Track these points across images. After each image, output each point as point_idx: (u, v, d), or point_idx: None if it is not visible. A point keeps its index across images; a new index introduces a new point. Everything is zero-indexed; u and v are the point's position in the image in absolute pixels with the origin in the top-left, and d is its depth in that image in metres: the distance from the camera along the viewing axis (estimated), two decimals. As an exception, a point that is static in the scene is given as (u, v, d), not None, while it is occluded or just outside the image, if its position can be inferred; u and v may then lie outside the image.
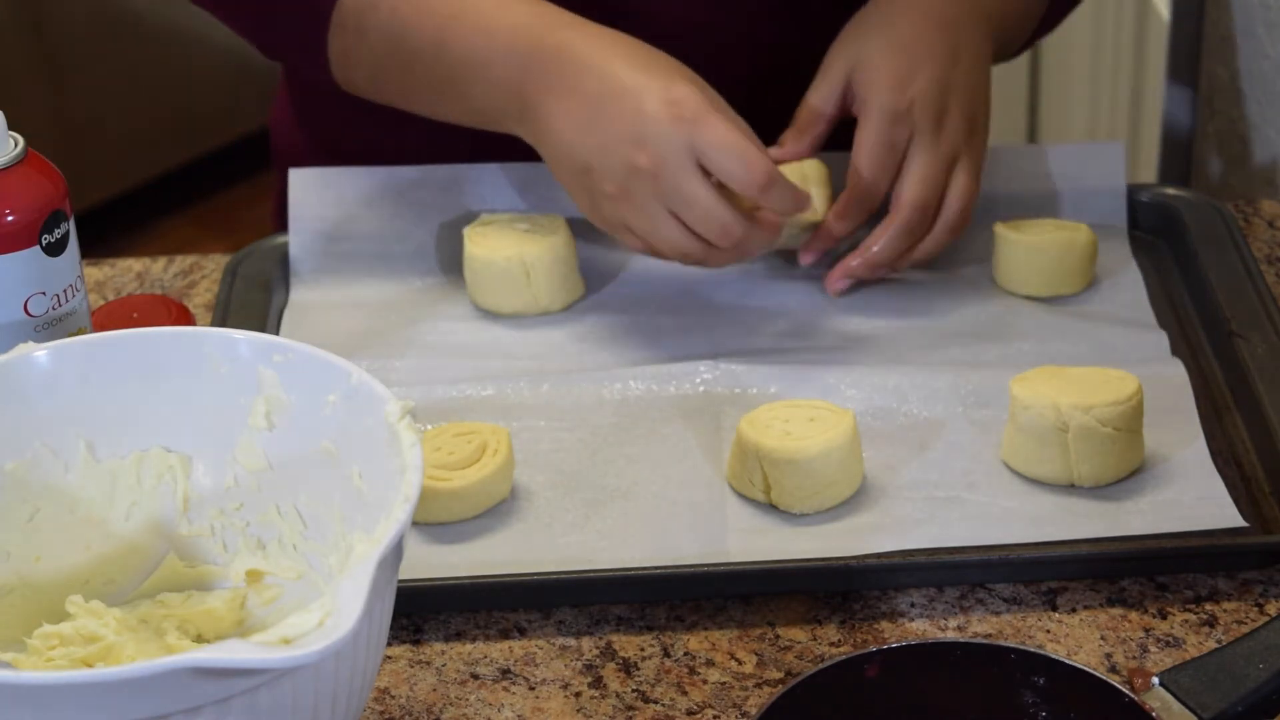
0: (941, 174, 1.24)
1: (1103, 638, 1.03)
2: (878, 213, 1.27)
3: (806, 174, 1.27)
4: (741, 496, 1.12)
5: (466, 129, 1.28)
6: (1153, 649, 1.02)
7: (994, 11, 1.28)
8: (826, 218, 1.26)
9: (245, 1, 1.30)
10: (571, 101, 1.19)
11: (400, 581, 0.91)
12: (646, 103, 1.17)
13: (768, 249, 1.23)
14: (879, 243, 1.25)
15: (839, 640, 1.04)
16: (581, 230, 1.30)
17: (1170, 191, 1.36)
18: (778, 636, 1.04)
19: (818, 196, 1.26)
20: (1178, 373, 1.19)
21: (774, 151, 1.25)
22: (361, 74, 1.29)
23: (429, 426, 1.16)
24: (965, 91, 1.25)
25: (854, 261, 1.26)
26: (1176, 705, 0.90)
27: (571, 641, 1.04)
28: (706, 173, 1.17)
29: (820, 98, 1.26)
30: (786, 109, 1.29)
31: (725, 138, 1.16)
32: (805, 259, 1.28)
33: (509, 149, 1.28)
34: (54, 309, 1.09)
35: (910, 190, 1.23)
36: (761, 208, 1.20)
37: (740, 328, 1.27)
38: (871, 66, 1.24)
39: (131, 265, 1.38)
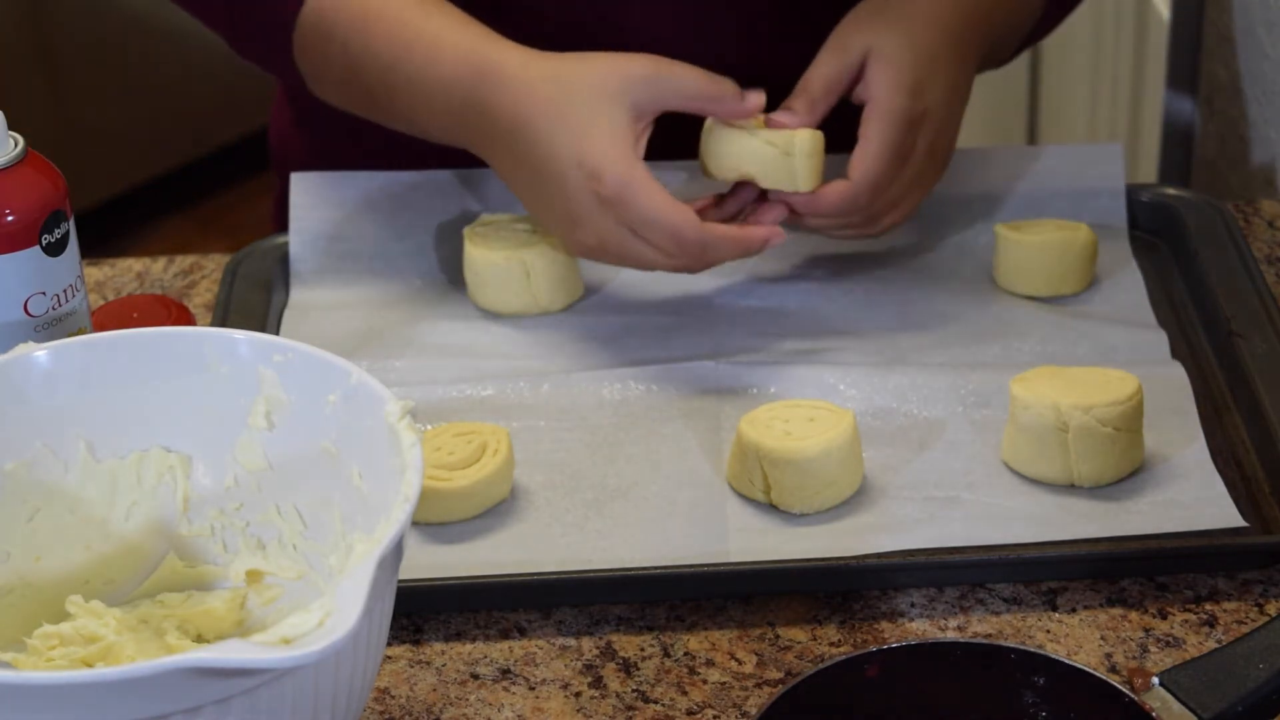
0: (904, 196, 1.23)
1: (1103, 638, 1.03)
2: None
3: (794, 145, 1.21)
4: (741, 496, 1.12)
5: None
6: (1153, 649, 1.02)
7: (989, 31, 1.28)
8: (814, 198, 1.21)
9: (221, 12, 1.30)
10: (509, 164, 1.21)
11: (400, 581, 0.91)
12: (570, 178, 1.17)
13: (737, 257, 1.21)
14: (824, 201, 1.23)
15: (839, 640, 1.04)
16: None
17: (1170, 191, 1.36)
18: (778, 636, 1.04)
19: (805, 168, 1.21)
20: (1178, 373, 1.19)
21: (780, 116, 1.21)
22: (332, 95, 1.30)
23: (429, 426, 1.16)
24: (956, 119, 1.24)
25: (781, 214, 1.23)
26: (1176, 705, 0.90)
27: (571, 641, 1.04)
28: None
29: (836, 72, 1.22)
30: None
31: (648, 214, 1.16)
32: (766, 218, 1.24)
33: None
34: (54, 309, 1.09)
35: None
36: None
37: (740, 328, 1.27)
38: (893, 63, 1.21)
39: (131, 265, 1.38)
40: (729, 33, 1.35)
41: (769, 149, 1.20)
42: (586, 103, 1.17)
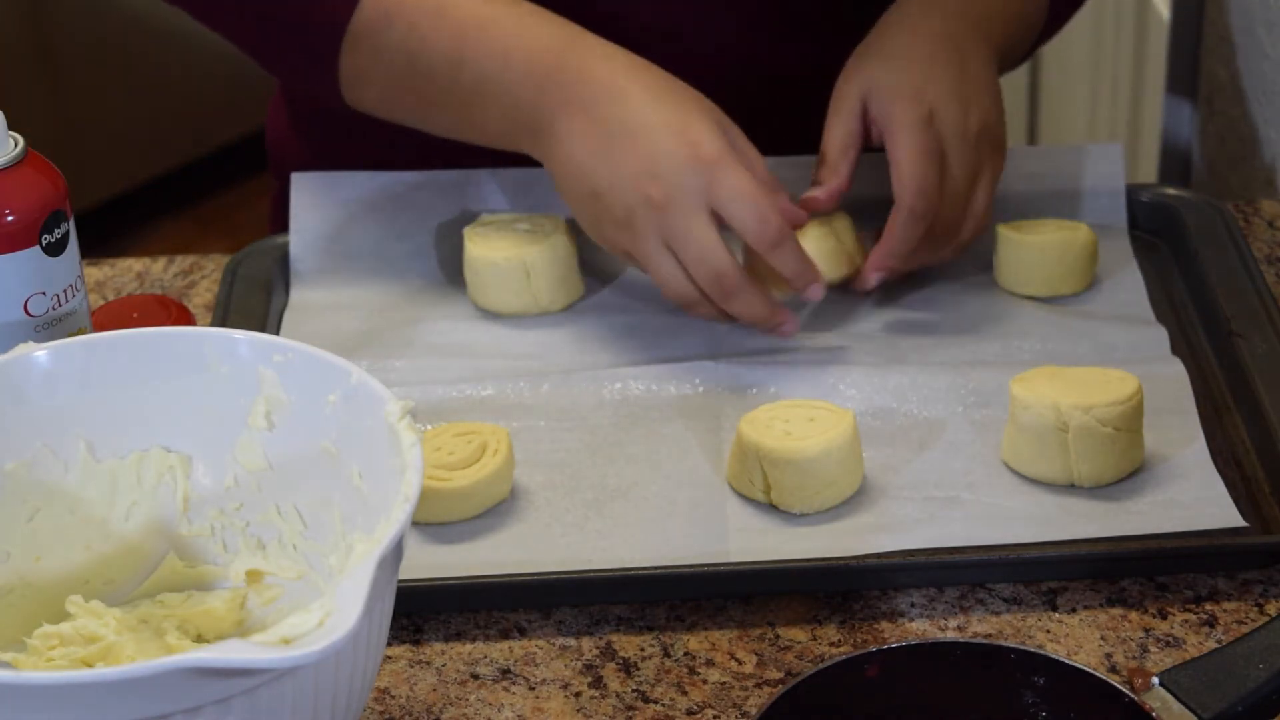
0: (969, 195, 1.23)
1: (1103, 638, 1.03)
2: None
3: (837, 230, 1.25)
4: (741, 496, 1.12)
5: (459, 143, 1.28)
6: (1153, 649, 1.02)
7: (993, 28, 1.28)
8: (885, 239, 1.23)
9: (253, 22, 1.29)
10: (587, 125, 1.19)
11: (400, 581, 0.91)
12: (664, 141, 1.17)
13: (757, 318, 1.21)
14: (892, 235, 1.23)
15: (839, 640, 1.04)
16: (582, 230, 1.30)
17: (1170, 191, 1.36)
18: (778, 636, 1.04)
19: (854, 249, 1.26)
20: (1178, 373, 1.19)
21: (814, 193, 1.24)
22: (373, 93, 1.28)
23: (429, 426, 1.16)
24: (980, 103, 1.24)
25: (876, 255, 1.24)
26: (1176, 705, 0.90)
27: (571, 641, 1.04)
28: (715, 222, 1.18)
29: (846, 131, 1.25)
30: (791, 131, 1.29)
31: (743, 187, 1.16)
32: (869, 282, 1.25)
33: (502, 165, 1.29)
34: (54, 309, 1.09)
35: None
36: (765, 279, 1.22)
37: (740, 328, 1.26)
38: (884, 86, 1.23)
39: (131, 265, 1.38)
40: (729, 30, 1.35)
41: (825, 241, 1.24)
42: (688, 99, 1.20)
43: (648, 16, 1.33)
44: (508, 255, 1.27)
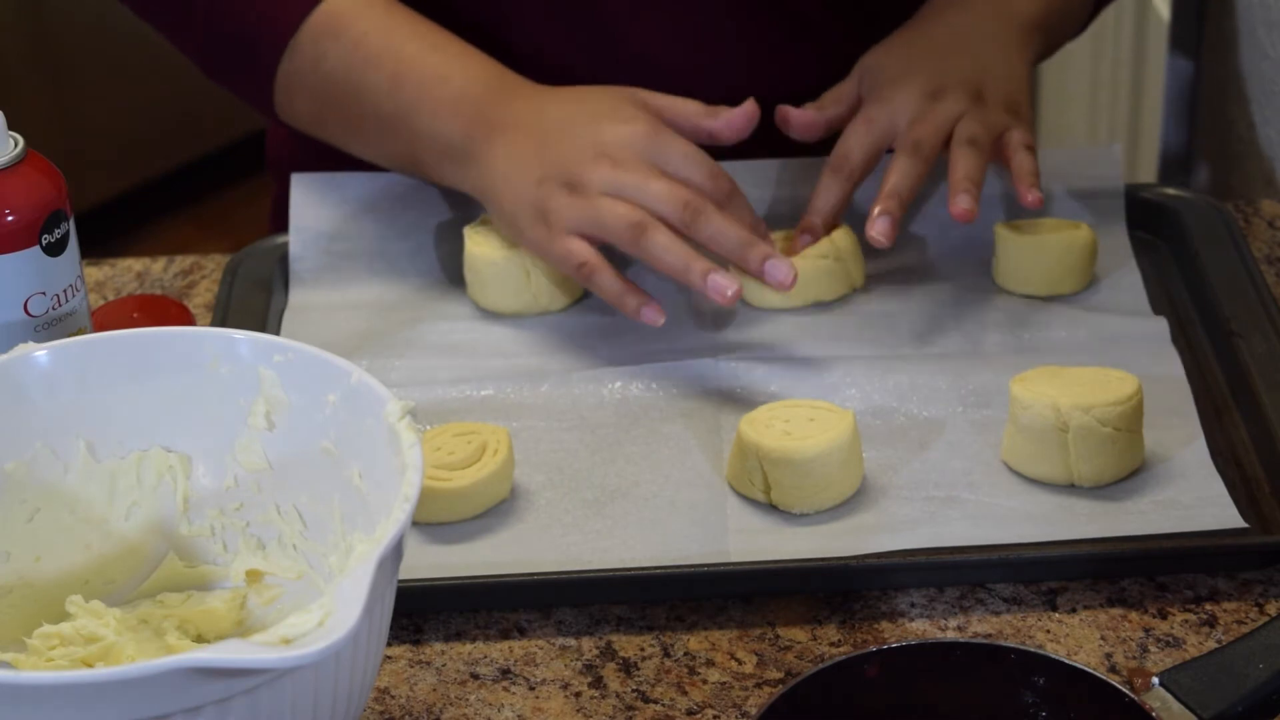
0: (947, 120, 1.25)
1: (1103, 638, 1.03)
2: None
3: (840, 250, 1.26)
4: (741, 496, 1.12)
5: None
6: (1153, 649, 1.02)
7: (1027, 18, 1.30)
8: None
9: (195, 21, 1.31)
10: (520, 137, 1.23)
11: (400, 581, 0.91)
12: (599, 124, 1.21)
13: (730, 239, 1.20)
14: (891, 175, 1.25)
15: (839, 640, 1.04)
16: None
17: (1170, 191, 1.36)
18: (778, 636, 1.04)
19: (855, 266, 1.28)
20: (1177, 372, 1.19)
21: (803, 239, 1.26)
22: (304, 103, 1.30)
23: (429, 426, 1.16)
24: (993, 87, 1.26)
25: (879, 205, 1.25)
26: (1176, 705, 0.91)
27: (571, 641, 1.04)
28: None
29: (832, 96, 1.30)
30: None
31: (687, 149, 1.21)
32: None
33: None
34: (54, 309, 1.09)
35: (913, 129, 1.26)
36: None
37: (740, 328, 1.27)
38: (871, 67, 1.28)
39: (131, 265, 1.38)
40: (727, 61, 1.36)
41: (824, 262, 1.26)
42: (606, 91, 1.26)
43: (644, 48, 1.34)
44: (508, 255, 1.27)
